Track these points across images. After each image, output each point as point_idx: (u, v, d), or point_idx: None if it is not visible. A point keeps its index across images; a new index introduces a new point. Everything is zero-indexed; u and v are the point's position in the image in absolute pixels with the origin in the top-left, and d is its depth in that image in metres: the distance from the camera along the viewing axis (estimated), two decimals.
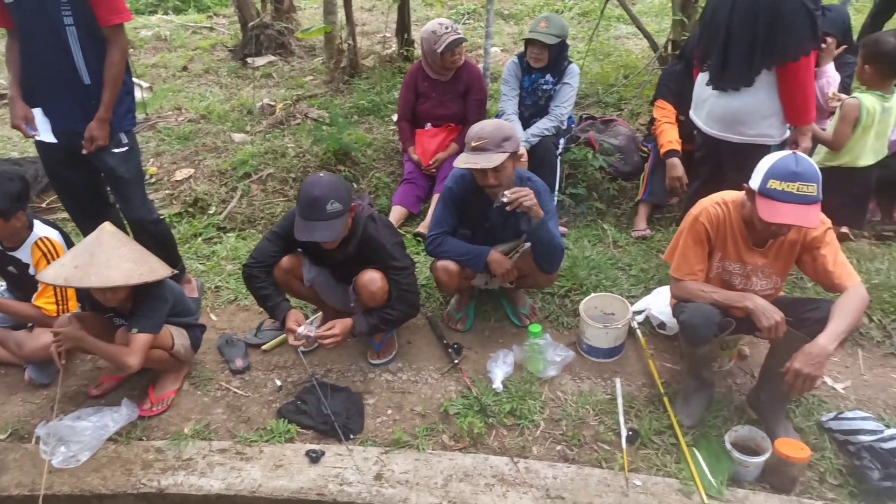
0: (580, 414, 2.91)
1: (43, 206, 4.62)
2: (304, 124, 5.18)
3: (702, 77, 3.38)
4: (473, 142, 2.91)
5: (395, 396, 3.07)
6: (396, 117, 4.72)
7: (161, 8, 9.84)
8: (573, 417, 2.89)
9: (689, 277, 2.71)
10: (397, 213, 4.29)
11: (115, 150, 3.13)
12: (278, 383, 3.14)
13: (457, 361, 3.20)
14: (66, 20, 2.86)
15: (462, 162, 2.94)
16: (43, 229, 3.09)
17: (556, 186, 4.20)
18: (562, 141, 4.32)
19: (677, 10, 4.94)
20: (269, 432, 2.88)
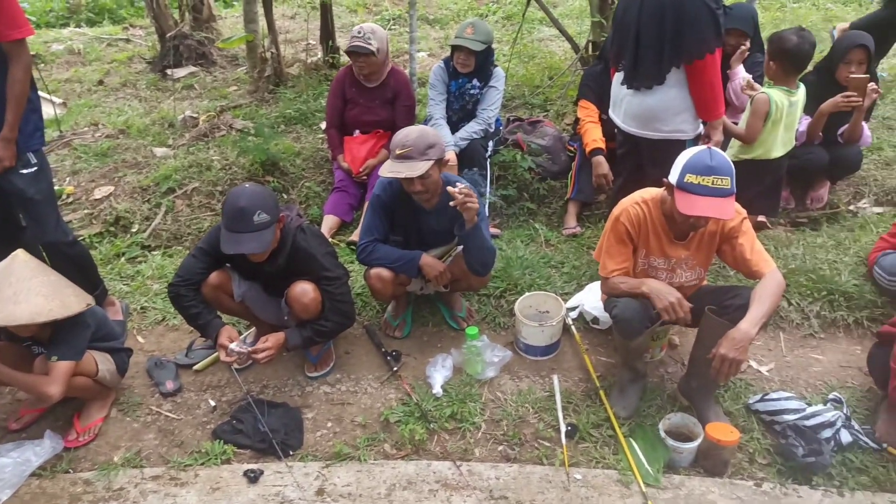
0: (520, 413, 2.94)
1: None
2: (229, 136, 5.03)
3: (617, 76, 3.48)
4: (398, 150, 2.90)
5: (335, 408, 3.02)
6: (325, 125, 4.66)
7: (73, 20, 9.36)
8: (513, 417, 2.92)
9: (614, 275, 2.79)
10: (329, 222, 4.23)
11: (24, 171, 2.97)
12: (212, 403, 3.05)
13: (396, 369, 3.18)
14: None
15: (387, 170, 2.92)
16: None
17: (487, 188, 4.24)
18: (490, 143, 4.37)
19: (595, 11, 5.06)
20: (204, 455, 2.79)
